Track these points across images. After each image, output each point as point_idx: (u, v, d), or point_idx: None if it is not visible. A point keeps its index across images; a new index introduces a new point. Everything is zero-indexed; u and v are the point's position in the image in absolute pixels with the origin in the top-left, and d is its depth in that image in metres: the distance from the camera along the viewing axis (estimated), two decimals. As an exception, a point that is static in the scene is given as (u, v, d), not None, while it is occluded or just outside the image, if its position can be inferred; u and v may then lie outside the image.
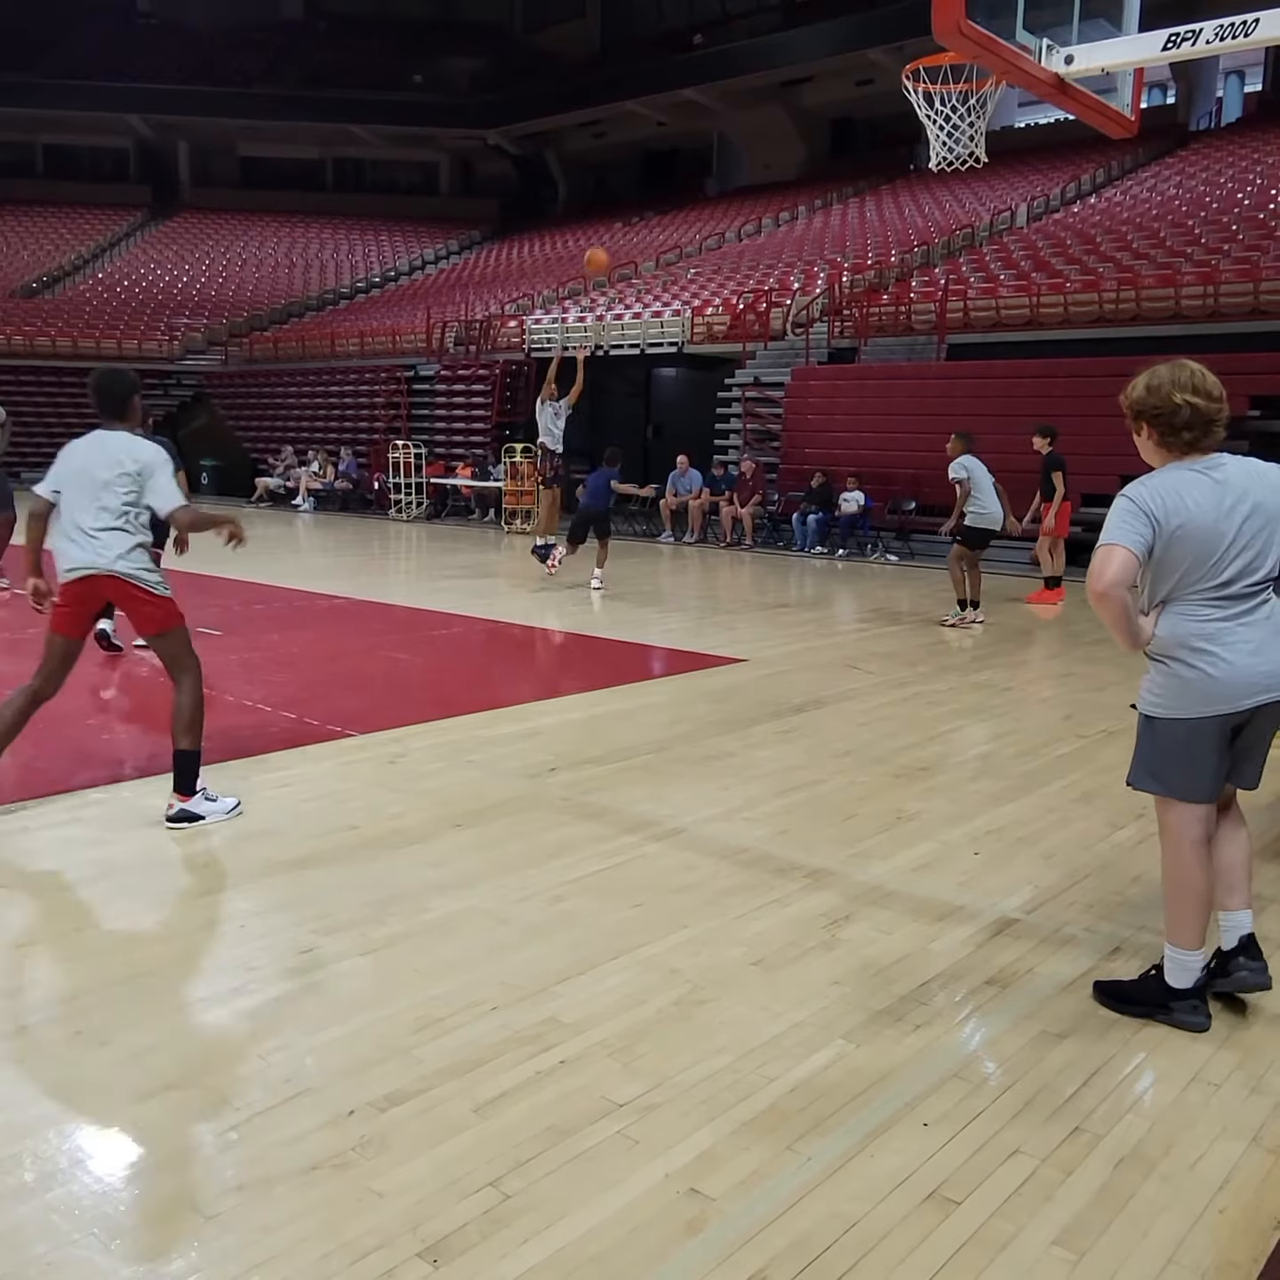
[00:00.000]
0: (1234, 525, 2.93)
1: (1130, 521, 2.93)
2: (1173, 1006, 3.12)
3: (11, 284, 32.95)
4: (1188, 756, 3.01)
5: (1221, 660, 2.94)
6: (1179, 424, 2.97)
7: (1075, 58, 5.51)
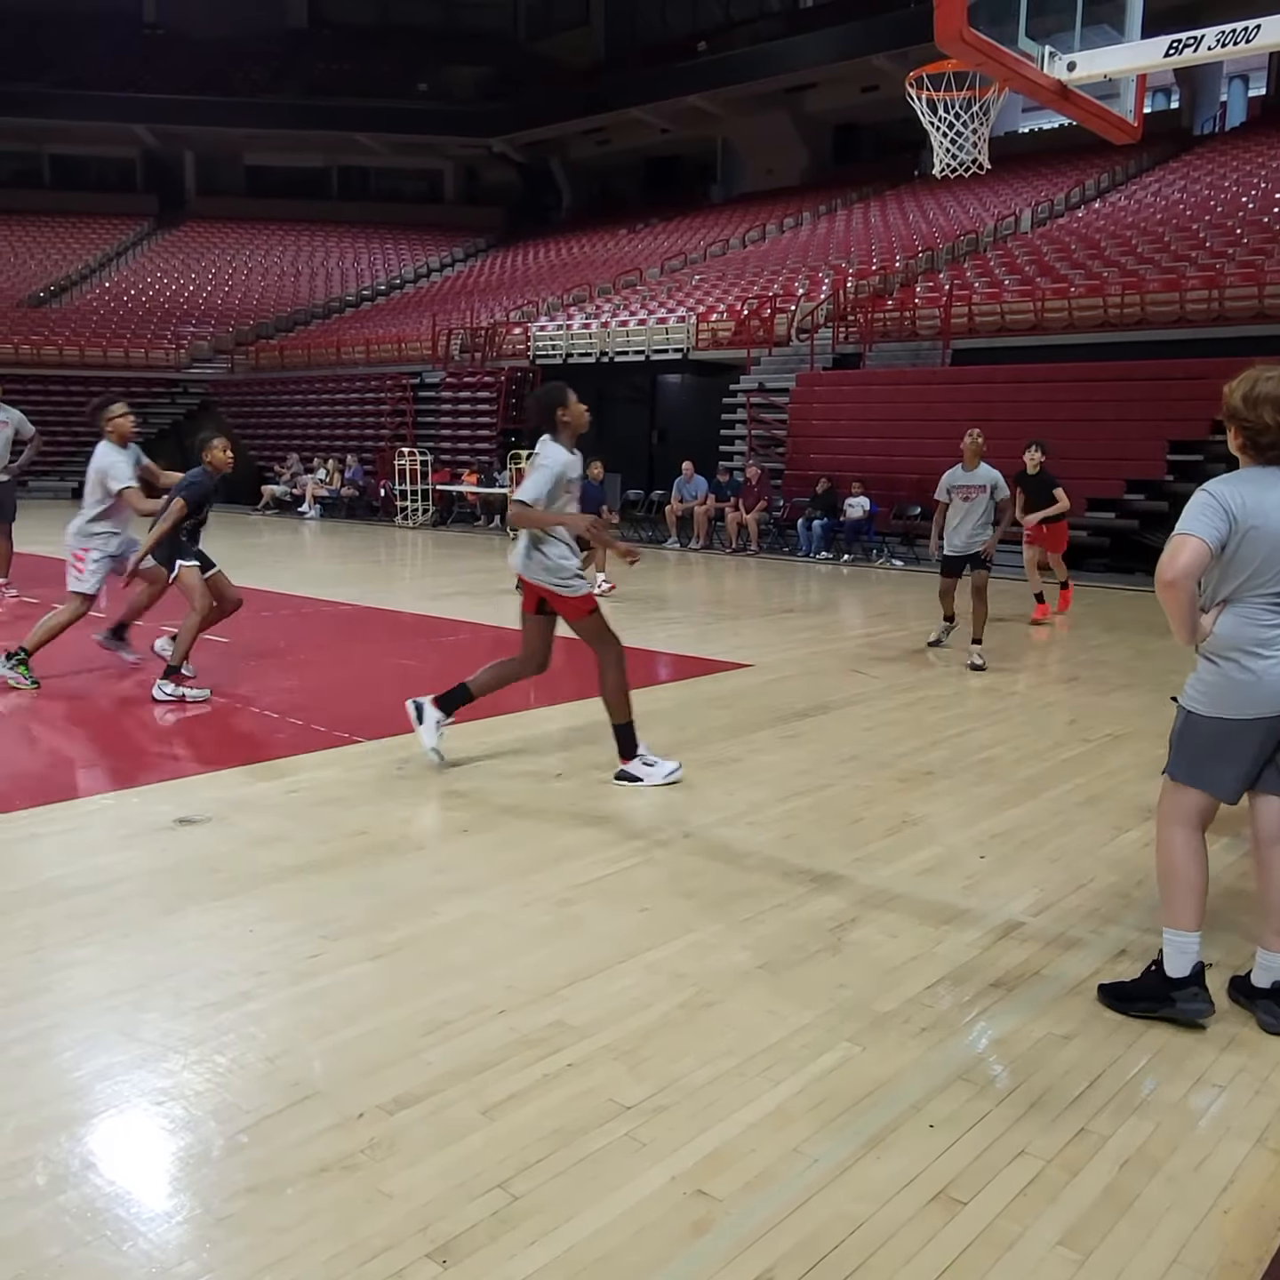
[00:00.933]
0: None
1: (1208, 515, 2.97)
2: (1174, 997, 3.15)
3: (19, 293, 33.08)
4: (1224, 755, 3.07)
5: (1274, 665, 2.98)
6: (1264, 443, 3.02)
7: (1078, 64, 5.52)
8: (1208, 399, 15.67)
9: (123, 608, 7.64)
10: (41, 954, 3.48)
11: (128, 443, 7.05)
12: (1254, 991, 3.23)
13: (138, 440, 7.22)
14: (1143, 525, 14.37)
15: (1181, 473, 14.16)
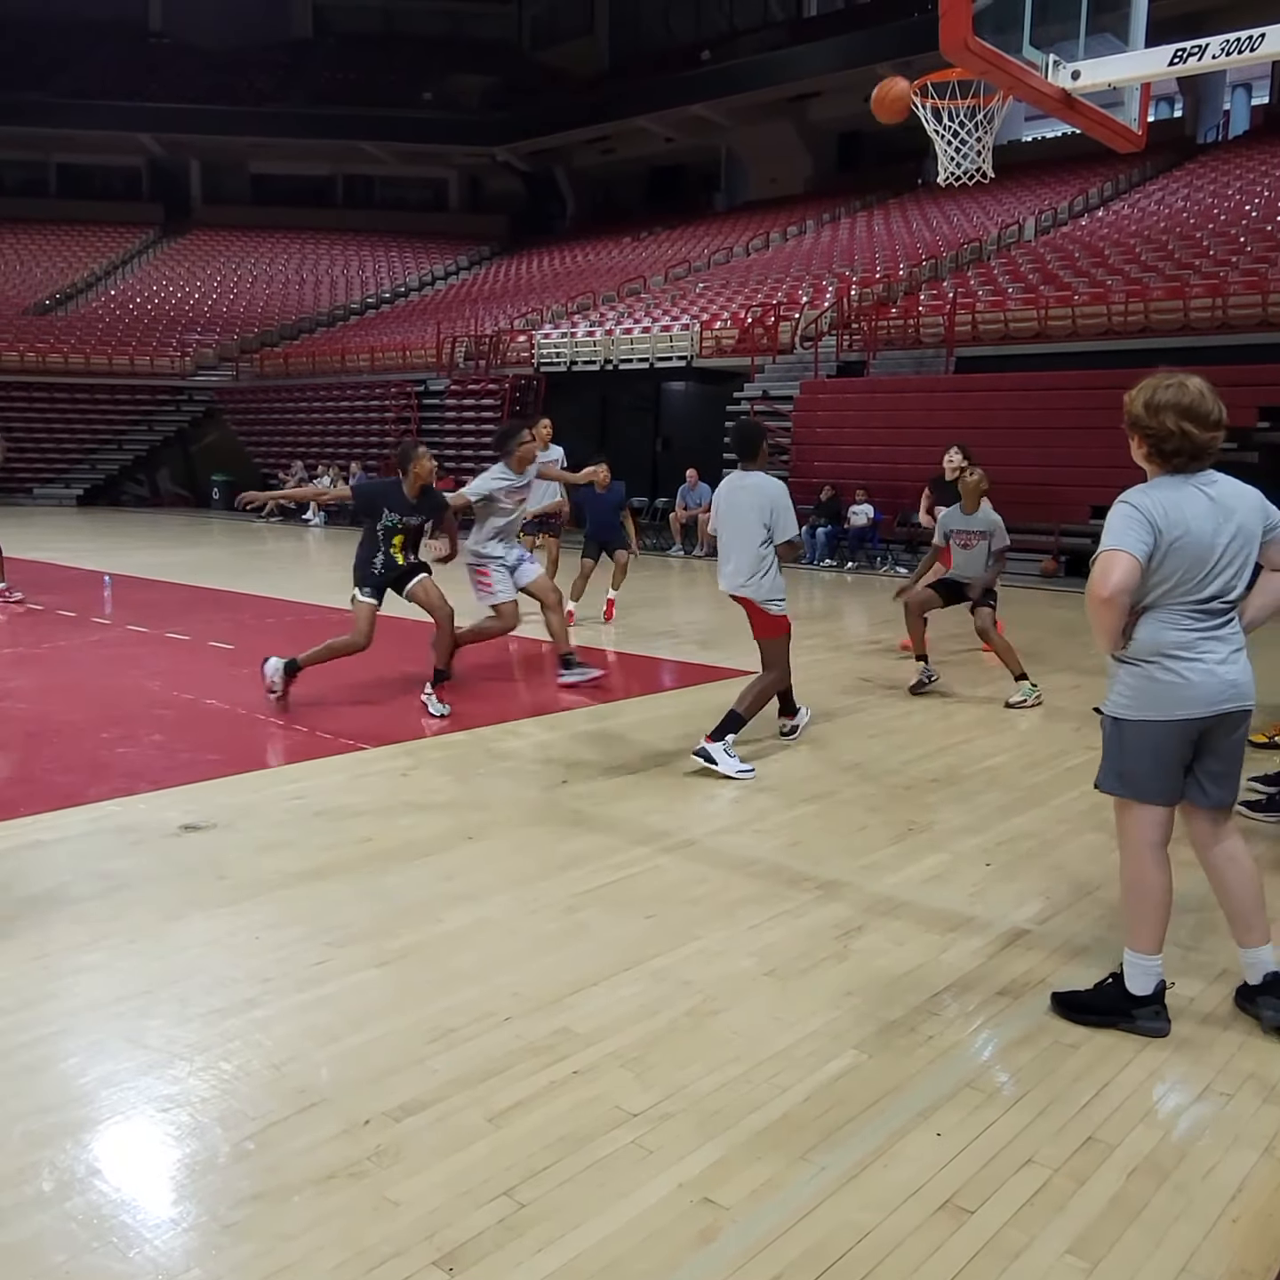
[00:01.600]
0: (1223, 542, 3.00)
1: (1135, 529, 2.96)
2: (1135, 1014, 3.14)
3: (25, 301, 33.19)
4: (1154, 758, 3.07)
5: (1196, 667, 3.00)
6: (1169, 449, 3.03)
7: (1082, 73, 5.54)
8: (1212, 407, 15.58)
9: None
10: (48, 960, 3.48)
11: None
12: (1252, 991, 3.22)
13: (142, 449, 7.23)
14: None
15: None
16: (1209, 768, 3.11)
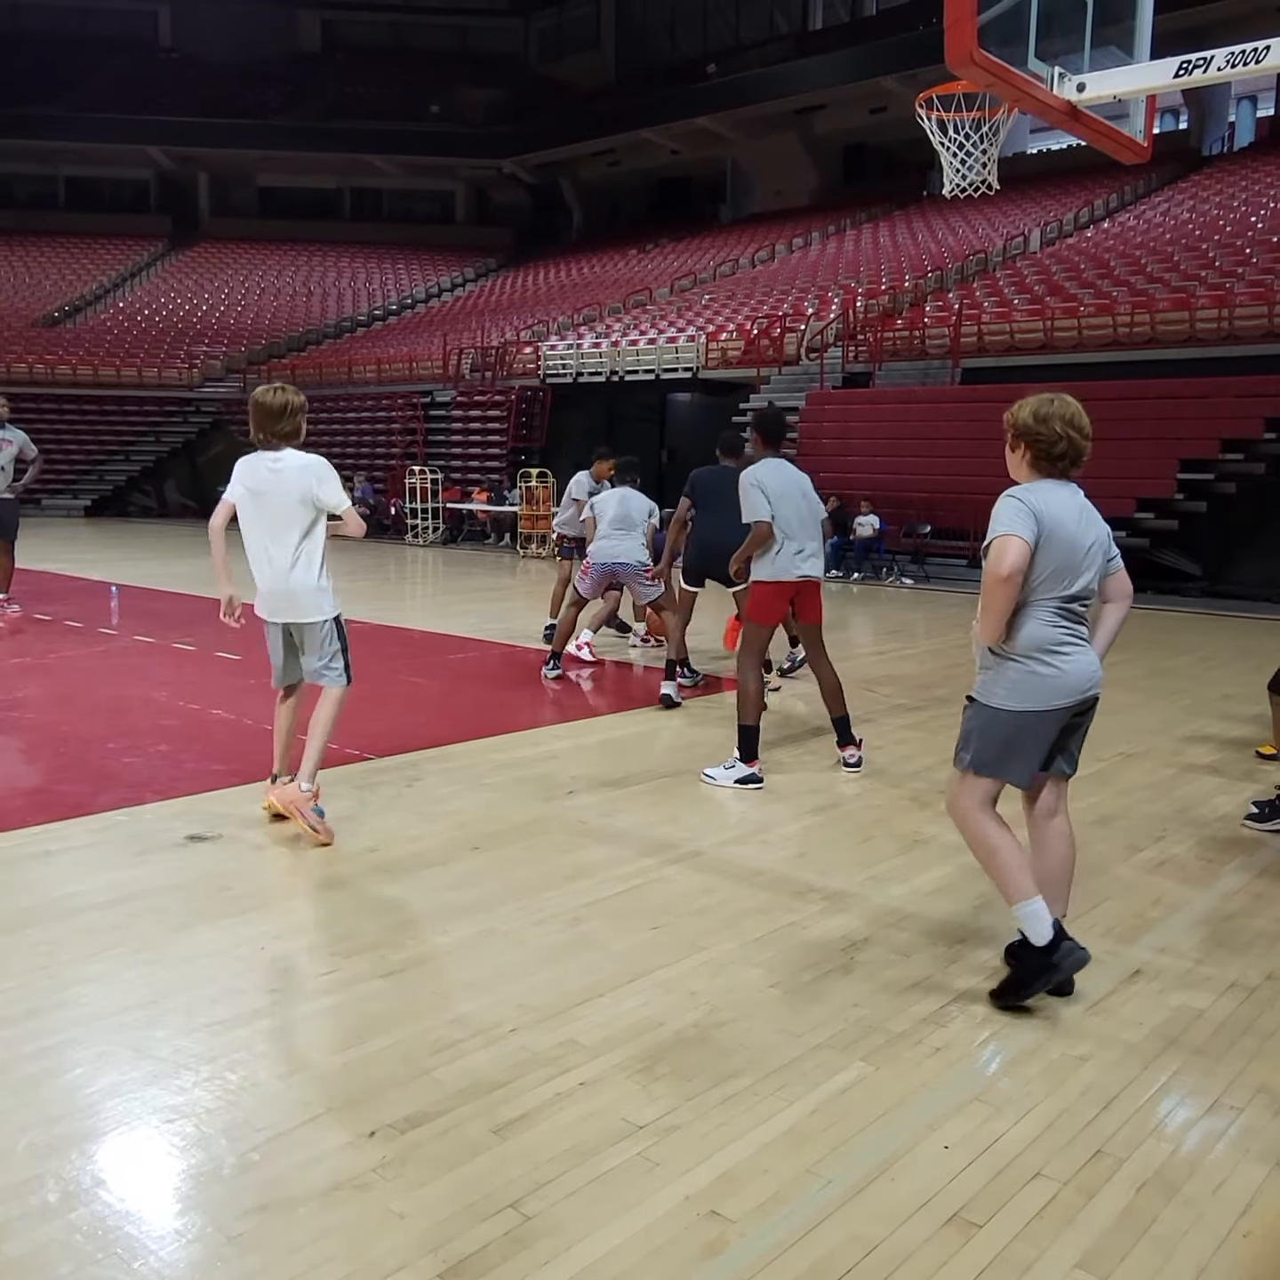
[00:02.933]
0: (1086, 545, 3.34)
1: (1023, 517, 3.25)
2: (1055, 961, 3.32)
3: (34, 313, 33.35)
4: (1034, 744, 3.37)
5: (1069, 660, 3.32)
6: (1056, 453, 3.35)
7: (1087, 85, 5.56)
8: (1218, 418, 15.67)
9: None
10: (54, 970, 3.48)
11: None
12: (1043, 950, 3.36)
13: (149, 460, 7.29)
14: (1153, 544, 14.35)
15: (1192, 491, 14.16)
16: (1069, 746, 3.48)
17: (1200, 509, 14.20)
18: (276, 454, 4.72)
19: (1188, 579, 14.57)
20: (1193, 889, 4.34)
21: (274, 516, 4.69)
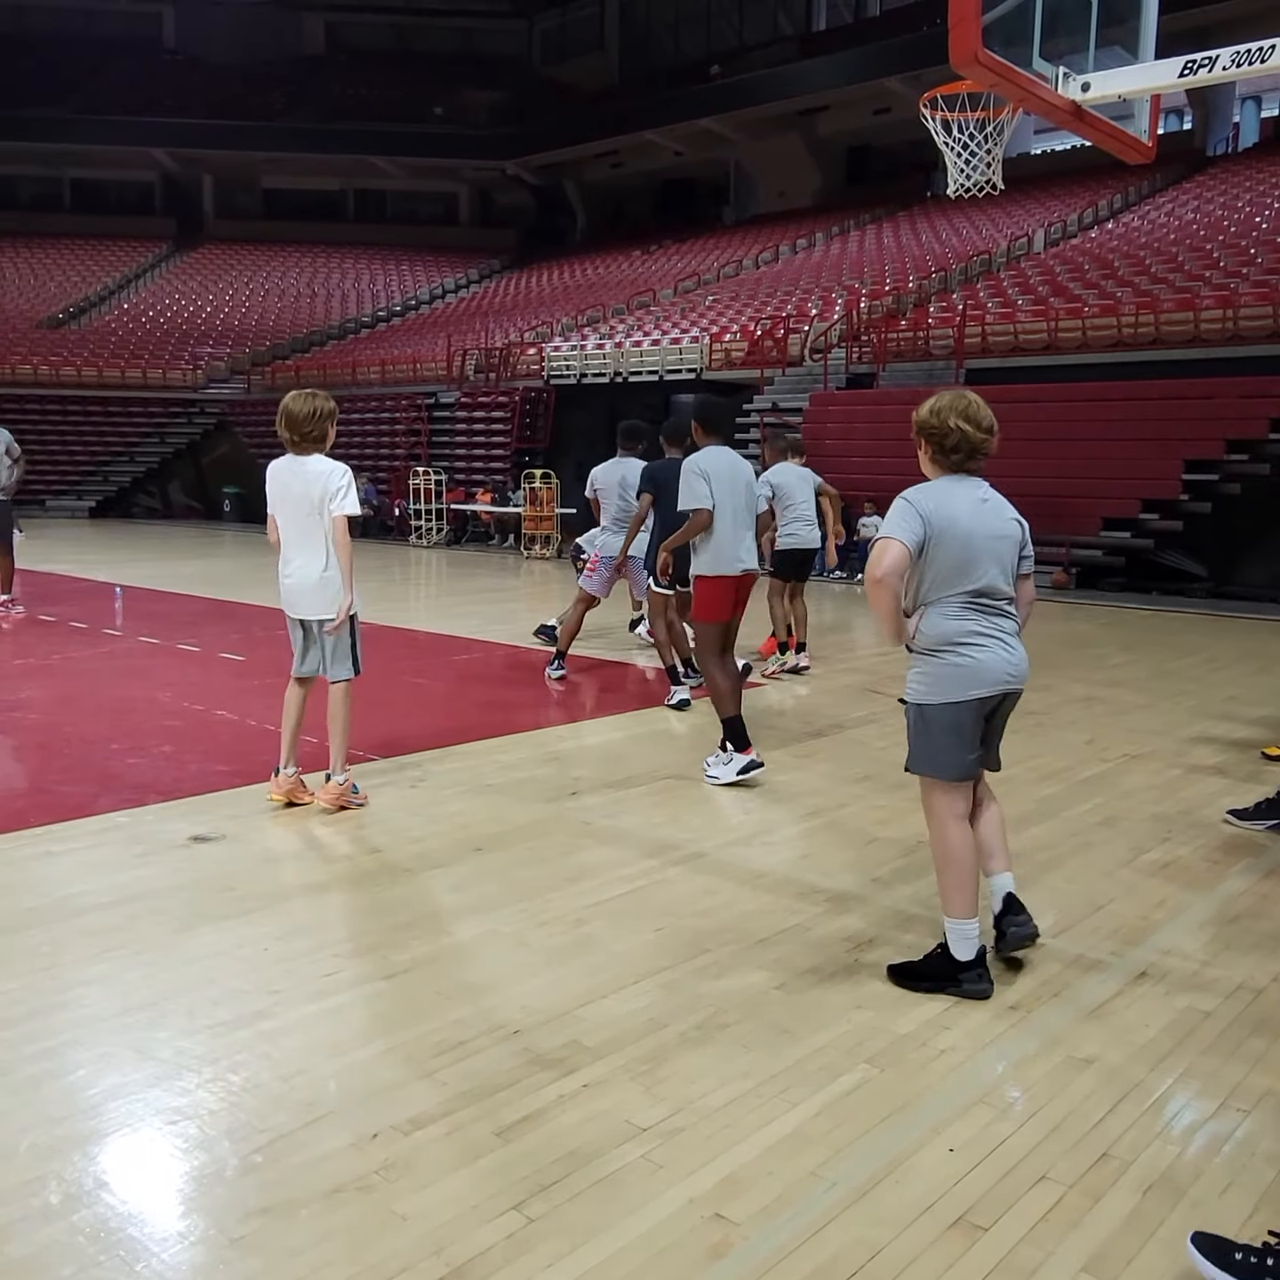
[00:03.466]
0: (990, 541, 3.39)
1: (907, 520, 3.33)
2: (960, 979, 3.41)
3: (39, 315, 33.40)
4: (957, 736, 3.42)
5: (981, 651, 3.38)
6: (949, 446, 3.41)
7: (1092, 85, 5.54)
8: (1222, 418, 15.62)
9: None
10: (57, 971, 3.47)
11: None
12: (999, 923, 3.60)
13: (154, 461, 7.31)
14: (1158, 544, 14.33)
15: (1197, 492, 14.13)
16: (990, 739, 3.57)
17: (1205, 510, 14.17)
18: (303, 458, 4.90)
19: (1192, 580, 14.54)
20: (1198, 891, 4.33)
21: (296, 519, 4.90)
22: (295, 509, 4.89)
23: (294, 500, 4.88)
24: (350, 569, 4.94)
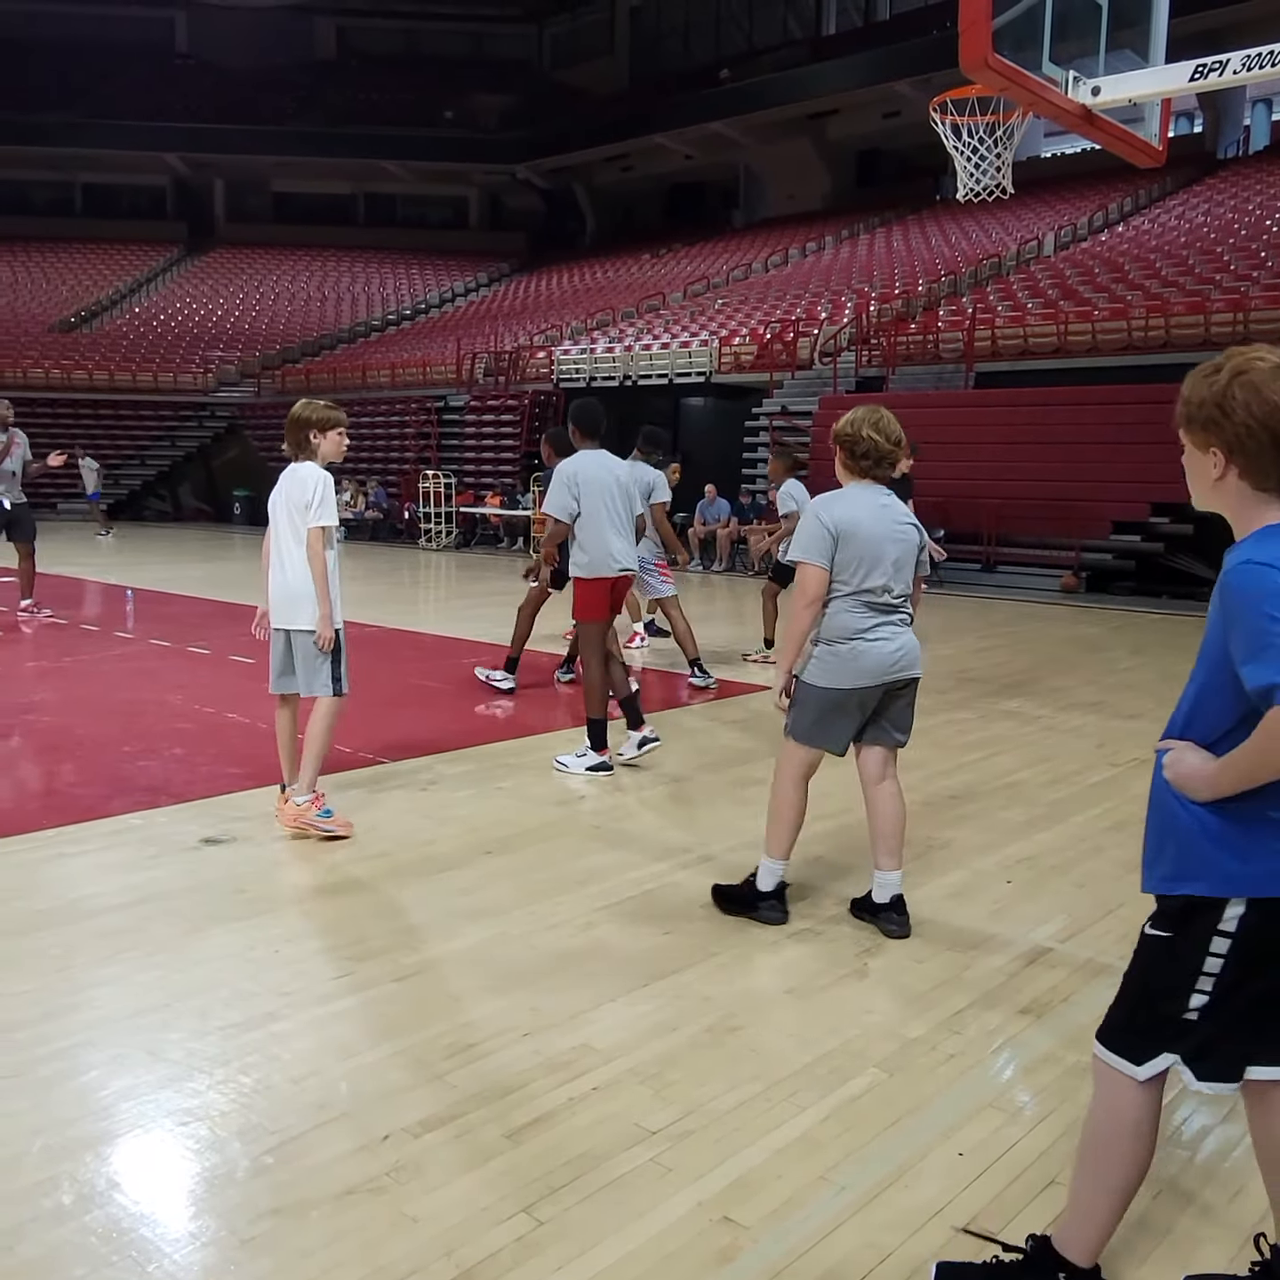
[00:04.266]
0: (888, 544, 3.76)
1: (816, 540, 3.72)
2: (759, 906, 3.94)
3: (51, 318, 33.56)
4: (838, 716, 3.84)
5: (872, 645, 3.75)
6: (859, 453, 3.78)
7: (1102, 89, 5.55)
8: (1234, 422, 15.55)
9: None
10: (70, 973, 3.49)
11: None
12: (876, 907, 3.93)
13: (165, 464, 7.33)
14: (1169, 548, 14.30)
15: (1207, 496, 14.09)
16: (891, 720, 3.92)
17: (1213, 515, 14.13)
18: (294, 465, 4.89)
19: (1203, 584, 14.50)
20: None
21: (281, 525, 4.86)
22: (281, 515, 4.83)
23: (281, 507, 4.84)
24: (322, 582, 4.72)
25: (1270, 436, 1.88)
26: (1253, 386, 1.88)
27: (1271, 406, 1.87)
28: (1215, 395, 1.92)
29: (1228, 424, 1.91)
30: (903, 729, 3.98)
